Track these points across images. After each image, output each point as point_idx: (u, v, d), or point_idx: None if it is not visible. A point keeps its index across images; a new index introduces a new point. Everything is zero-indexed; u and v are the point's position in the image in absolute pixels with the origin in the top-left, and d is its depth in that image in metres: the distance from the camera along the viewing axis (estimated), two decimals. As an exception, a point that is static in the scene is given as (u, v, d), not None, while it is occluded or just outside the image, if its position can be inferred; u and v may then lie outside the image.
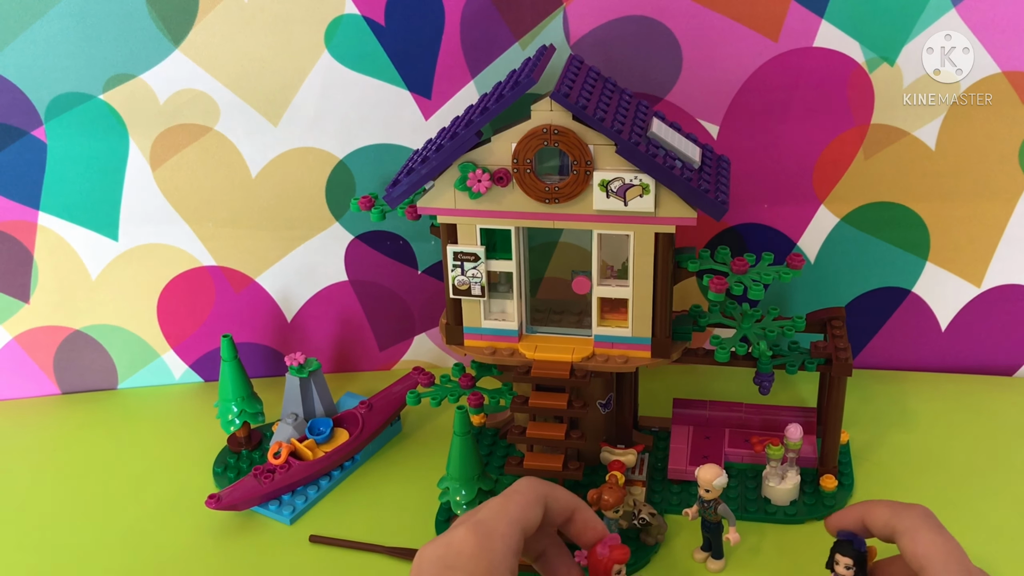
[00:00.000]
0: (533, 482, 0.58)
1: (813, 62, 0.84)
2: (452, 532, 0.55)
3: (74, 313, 0.98)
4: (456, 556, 0.53)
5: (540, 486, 0.58)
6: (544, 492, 0.58)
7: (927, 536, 0.56)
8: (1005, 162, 0.87)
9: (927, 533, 0.57)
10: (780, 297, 0.95)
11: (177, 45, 0.85)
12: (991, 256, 0.92)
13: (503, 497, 0.57)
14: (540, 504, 0.57)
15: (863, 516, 0.61)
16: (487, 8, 0.83)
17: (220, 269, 0.97)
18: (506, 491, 0.57)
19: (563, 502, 0.59)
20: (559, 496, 0.59)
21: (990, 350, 0.97)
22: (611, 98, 0.74)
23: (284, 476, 0.84)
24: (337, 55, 0.86)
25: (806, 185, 0.90)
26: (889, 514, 0.59)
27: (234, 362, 0.90)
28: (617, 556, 0.61)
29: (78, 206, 0.93)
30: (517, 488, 0.58)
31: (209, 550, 0.81)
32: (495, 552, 0.54)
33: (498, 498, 0.57)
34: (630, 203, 0.71)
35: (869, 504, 0.61)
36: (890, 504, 0.60)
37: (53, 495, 0.89)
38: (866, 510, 0.61)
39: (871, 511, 0.60)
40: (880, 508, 0.60)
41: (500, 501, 0.57)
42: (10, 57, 0.85)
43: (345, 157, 0.91)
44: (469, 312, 0.79)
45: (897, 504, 0.60)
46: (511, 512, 0.56)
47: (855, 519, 0.61)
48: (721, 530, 0.75)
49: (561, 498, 0.59)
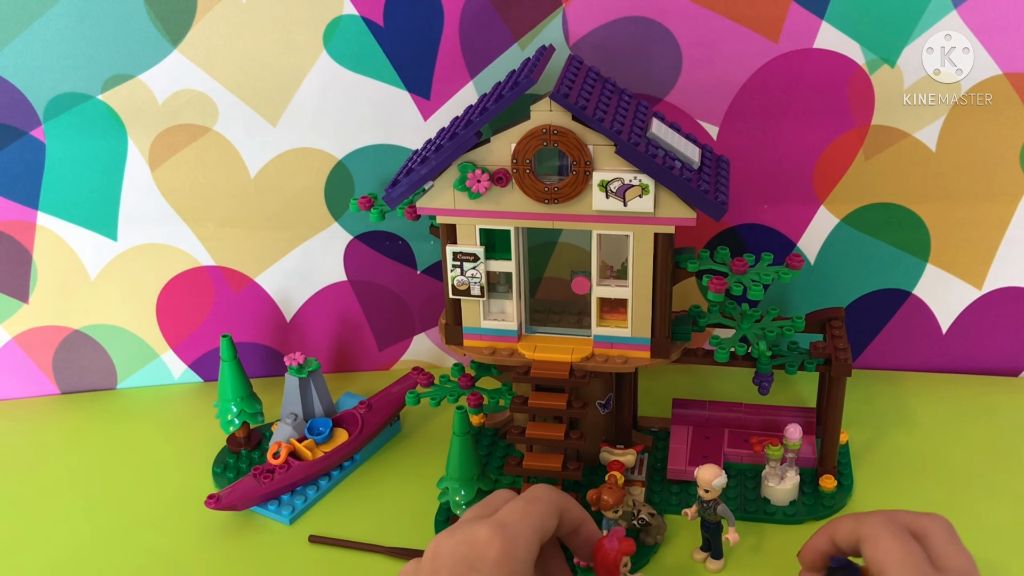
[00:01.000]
0: (551, 491, 0.58)
1: (813, 63, 0.84)
2: (474, 530, 0.53)
3: (73, 313, 0.98)
4: (480, 559, 0.52)
5: (558, 496, 0.58)
6: (560, 503, 0.58)
7: (886, 543, 0.56)
8: (1006, 163, 0.87)
9: (887, 540, 0.56)
10: (780, 298, 0.95)
11: (176, 45, 0.85)
12: (992, 258, 0.92)
13: (525, 502, 0.56)
14: (557, 514, 0.57)
15: (831, 535, 0.60)
16: (486, 9, 0.83)
17: (219, 269, 0.97)
18: (526, 496, 0.57)
19: (574, 514, 0.59)
20: (571, 508, 0.59)
21: (991, 353, 0.97)
22: (610, 99, 0.74)
23: (283, 476, 0.84)
24: (336, 56, 0.86)
25: (806, 186, 0.90)
26: (853, 524, 0.59)
27: (233, 362, 0.90)
28: (625, 548, 0.61)
29: (77, 206, 0.93)
30: (538, 495, 0.57)
31: (209, 550, 0.81)
32: (519, 560, 0.53)
33: (519, 502, 0.56)
34: (629, 203, 0.71)
35: (833, 522, 0.61)
36: (854, 515, 0.60)
37: (52, 495, 0.89)
38: (832, 528, 0.61)
39: (836, 527, 0.60)
40: (844, 521, 0.60)
41: (523, 506, 0.56)
42: (9, 57, 0.85)
43: (344, 157, 0.91)
44: (468, 312, 0.79)
45: (860, 514, 0.60)
46: (534, 519, 0.55)
47: (825, 541, 0.61)
48: (720, 530, 0.75)
49: (573, 510, 0.59)
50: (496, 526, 0.53)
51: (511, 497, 0.57)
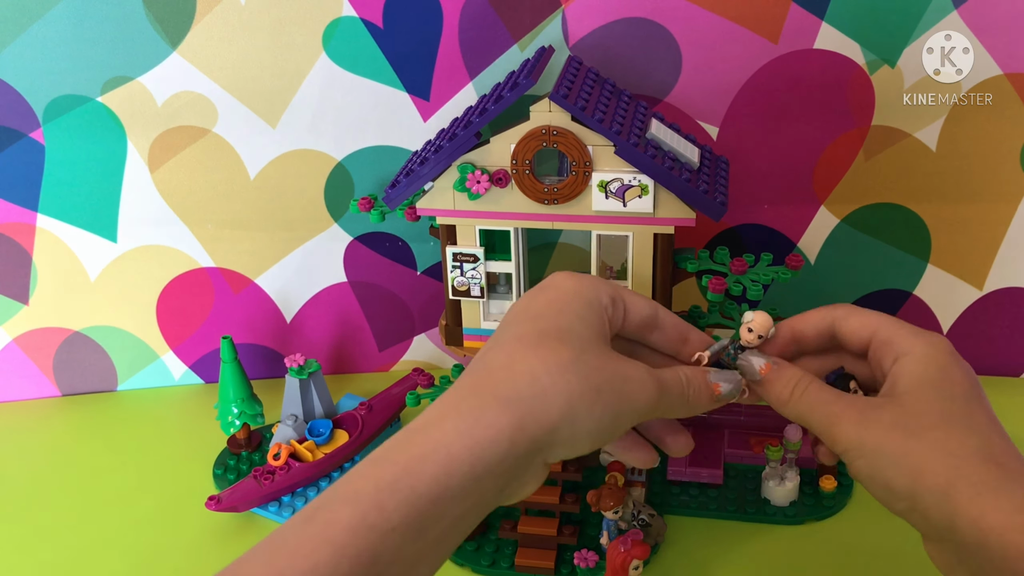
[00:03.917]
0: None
1: (813, 64, 0.84)
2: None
3: (73, 315, 0.98)
4: (550, 281, 0.56)
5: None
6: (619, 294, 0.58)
7: (866, 313, 0.55)
8: (1006, 163, 0.87)
9: (865, 312, 0.56)
10: (782, 299, 0.95)
11: (175, 47, 0.85)
12: (993, 258, 0.92)
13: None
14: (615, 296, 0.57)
15: (793, 331, 0.58)
16: (485, 10, 0.83)
17: (219, 270, 0.97)
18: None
19: (640, 303, 0.58)
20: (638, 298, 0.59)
21: (993, 354, 0.97)
22: (610, 99, 0.74)
23: (284, 478, 0.84)
24: (335, 57, 0.86)
25: (806, 186, 0.90)
26: (820, 311, 0.58)
27: (234, 363, 0.90)
28: (636, 552, 0.61)
29: (77, 208, 0.93)
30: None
31: (209, 552, 0.81)
32: (593, 285, 0.55)
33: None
34: (629, 204, 0.71)
35: (793, 321, 0.59)
36: (811, 312, 0.58)
37: (53, 497, 0.89)
38: (795, 323, 0.59)
39: (801, 321, 0.58)
40: (808, 314, 0.58)
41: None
42: (8, 60, 0.85)
43: (344, 159, 0.91)
44: (468, 313, 0.79)
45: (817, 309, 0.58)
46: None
47: (791, 339, 0.59)
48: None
49: (639, 299, 0.59)
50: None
51: None
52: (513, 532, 0.78)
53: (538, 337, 0.51)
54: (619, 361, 0.53)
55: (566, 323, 0.52)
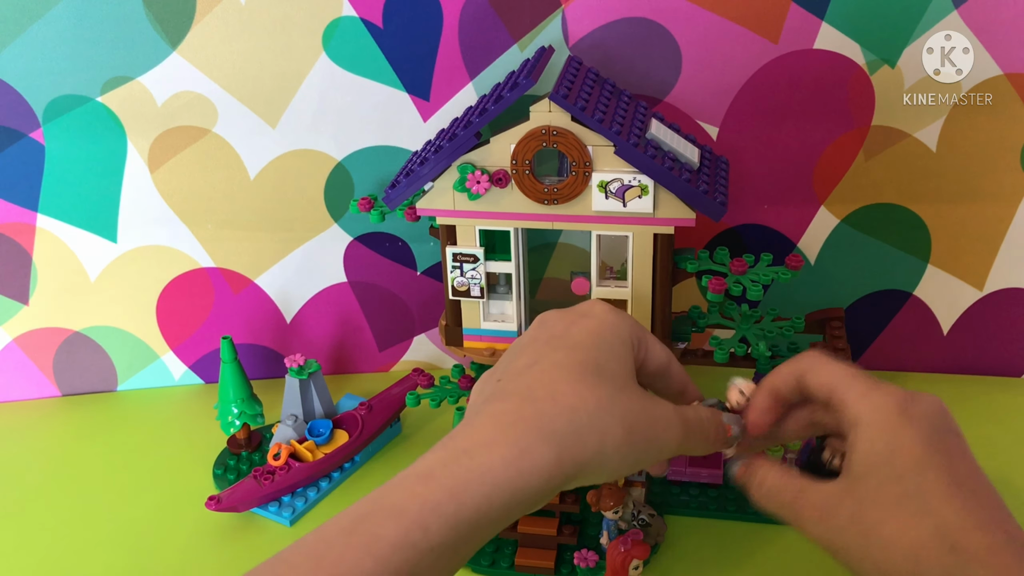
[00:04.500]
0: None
1: (813, 64, 0.84)
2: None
3: (73, 315, 0.98)
4: (590, 307, 0.58)
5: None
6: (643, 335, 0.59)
7: (827, 367, 0.55)
8: (1006, 163, 0.87)
9: (826, 365, 0.55)
10: (781, 299, 0.95)
11: (175, 47, 0.85)
12: (993, 259, 0.92)
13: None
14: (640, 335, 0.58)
15: (772, 391, 0.58)
16: (485, 10, 0.83)
17: (219, 270, 0.97)
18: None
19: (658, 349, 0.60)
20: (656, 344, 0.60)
21: (993, 354, 0.97)
22: (610, 99, 0.74)
23: (284, 478, 0.84)
24: (335, 57, 0.86)
25: (806, 186, 0.90)
26: (788, 365, 0.57)
27: (234, 363, 0.90)
28: (635, 552, 0.61)
29: (77, 208, 0.93)
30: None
31: (209, 552, 0.81)
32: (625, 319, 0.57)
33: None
34: (629, 204, 0.71)
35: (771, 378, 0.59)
36: (783, 365, 0.58)
37: (53, 497, 0.89)
38: (773, 379, 0.58)
39: (775, 376, 0.58)
40: (778, 369, 0.58)
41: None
42: (8, 60, 0.85)
43: (343, 159, 0.91)
44: (468, 313, 0.79)
45: (787, 361, 0.58)
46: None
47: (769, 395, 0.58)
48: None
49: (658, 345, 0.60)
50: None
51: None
52: (513, 532, 0.78)
53: (580, 371, 0.53)
54: (649, 401, 0.55)
55: (603, 359, 0.54)
